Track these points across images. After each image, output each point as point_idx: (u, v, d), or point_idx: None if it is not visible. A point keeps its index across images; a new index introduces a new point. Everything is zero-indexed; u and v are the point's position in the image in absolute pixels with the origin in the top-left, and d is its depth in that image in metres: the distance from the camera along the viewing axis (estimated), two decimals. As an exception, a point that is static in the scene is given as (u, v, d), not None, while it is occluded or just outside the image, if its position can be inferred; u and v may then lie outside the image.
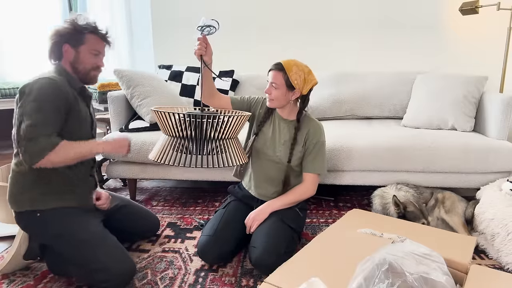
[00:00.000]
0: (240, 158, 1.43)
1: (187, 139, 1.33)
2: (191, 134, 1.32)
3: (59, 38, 1.43)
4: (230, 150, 1.40)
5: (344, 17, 3.06)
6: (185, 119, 1.30)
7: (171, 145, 1.35)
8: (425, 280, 0.99)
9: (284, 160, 1.68)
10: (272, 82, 1.61)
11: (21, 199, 1.41)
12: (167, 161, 1.32)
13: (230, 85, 2.76)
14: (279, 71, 1.60)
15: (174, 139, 1.35)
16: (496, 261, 1.65)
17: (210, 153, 1.35)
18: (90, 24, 1.46)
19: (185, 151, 1.33)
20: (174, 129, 1.33)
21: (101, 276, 1.36)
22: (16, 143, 1.35)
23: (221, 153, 1.37)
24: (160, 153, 1.36)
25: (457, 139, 2.12)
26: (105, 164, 2.53)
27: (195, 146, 1.33)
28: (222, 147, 1.37)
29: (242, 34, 3.20)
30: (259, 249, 1.48)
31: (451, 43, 2.98)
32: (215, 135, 1.35)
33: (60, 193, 1.45)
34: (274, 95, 1.63)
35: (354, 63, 3.11)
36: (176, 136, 1.35)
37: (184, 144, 1.33)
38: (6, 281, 1.52)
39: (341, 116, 2.73)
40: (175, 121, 1.31)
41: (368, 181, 2.17)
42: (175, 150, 1.34)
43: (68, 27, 1.43)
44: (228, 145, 1.40)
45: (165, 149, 1.36)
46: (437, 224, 1.91)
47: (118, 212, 1.70)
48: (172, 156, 1.33)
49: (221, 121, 1.34)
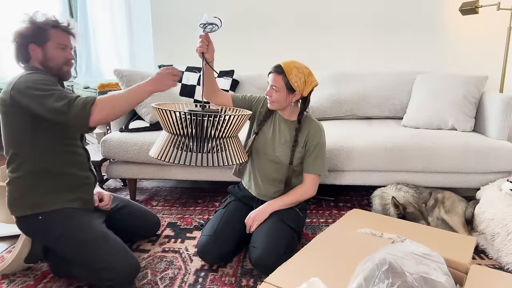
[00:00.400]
0: (240, 157, 1.43)
1: (187, 137, 1.32)
2: (192, 132, 1.31)
3: (22, 39, 1.40)
4: (230, 148, 1.40)
5: (344, 17, 3.06)
6: (186, 117, 1.29)
7: (172, 142, 1.34)
8: (425, 280, 0.99)
9: (285, 161, 1.67)
10: (272, 85, 1.61)
11: (22, 203, 1.41)
12: (167, 158, 1.31)
13: (230, 85, 2.76)
14: (279, 74, 1.59)
15: (175, 137, 1.34)
16: (496, 261, 1.65)
17: (210, 151, 1.34)
18: (50, 19, 1.43)
19: (185, 149, 1.32)
20: (175, 127, 1.32)
21: (106, 275, 1.36)
22: (61, 118, 1.31)
23: (221, 152, 1.36)
24: (161, 150, 1.35)
25: (457, 139, 2.12)
26: (105, 164, 2.53)
27: (195, 144, 1.32)
28: (222, 146, 1.36)
29: (242, 34, 3.20)
30: (259, 249, 1.48)
31: (451, 43, 2.98)
32: (215, 133, 1.34)
33: (61, 193, 1.44)
34: (275, 98, 1.62)
35: (354, 63, 3.11)
36: (177, 133, 1.34)
37: (184, 142, 1.33)
38: (6, 281, 1.52)
39: (341, 116, 2.73)
40: (176, 118, 1.30)
41: (368, 181, 2.17)
42: (176, 148, 1.33)
43: (29, 26, 1.40)
44: (229, 144, 1.39)
45: (166, 147, 1.34)
46: (437, 224, 1.91)
47: (118, 213, 1.70)
48: (172, 154, 1.32)
49: (222, 119, 1.33)
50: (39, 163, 1.40)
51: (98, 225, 1.47)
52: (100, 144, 2.27)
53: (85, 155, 1.58)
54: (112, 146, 2.24)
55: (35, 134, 1.38)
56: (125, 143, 2.23)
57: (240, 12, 3.17)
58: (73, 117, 1.28)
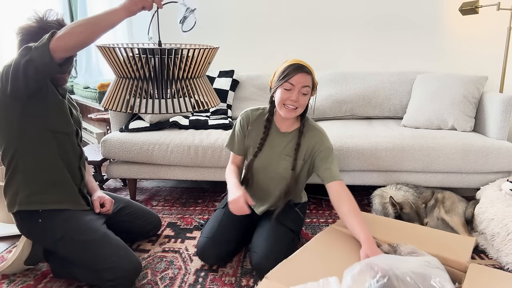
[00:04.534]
0: (211, 100, 1.19)
1: (144, 80, 1.07)
2: (150, 74, 1.06)
3: (24, 35, 1.39)
4: (199, 91, 1.14)
5: (344, 17, 3.06)
6: (140, 56, 1.03)
7: (125, 88, 1.08)
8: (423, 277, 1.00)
9: (289, 169, 1.57)
10: (305, 86, 1.43)
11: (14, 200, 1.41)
12: (119, 107, 1.07)
13: (230, 85, 2.76)
14: (308, 74, 1.43)
15: (128, 81, 1.08)
16: (496, 261, 1.65)
17: (176, 95, 1.09)
18: (59, 21, 1.41)
19: (144, 96, 1.07)
20: (126, 68, 1.05)
21: (108, 276, 1.36)
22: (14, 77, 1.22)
23: (188, 96, 1.11)
24: (114, 99, 1.08)
25: (457, 139, 2.12)
26: (105, 164, 2.53)
27: (155, 89, 1.07)
28: (189, 88, 1.11)
29: (242, 34, 3.20)
30: (259, 254, 1.48)
31: (451, 43, 2.98)
32: (179, 73, 1.08)
33: (49, 192, 1.43)
34: (303, 102, 1.46)
35: (354, 63, 3.11)
36: (130, 77, 1.07)
37: (142, 87, 1.07)
38: (6, 281, 1.52)
39: (341, 116, 2.73)
40: (128, 57, 1.04)
41: (368, 181, 2.18)
42: (129, 94, 1.07)
43: (34, 25, 1.39)
44: (197, 85, 1.14)
45: (117, 94, 1.08)
46: (437, 224, 1.91)
47: (119, 214, 1.70)
48: (125, 101, 1.07)
49: (186, 56, 1.07)
50: (28, 159, 1.39)
51: (99, 226, 1.47)
52: (100, 144, 2.27)
53: (78, 153, 1.55)
54: (112, 146, 2.24)
55: (22, 127, 1.36)
56: (125, 143, 2.23)
57: (240, 13, 3.17)
58: (36, 54, 1.18)
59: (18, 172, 1.40)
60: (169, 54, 1.04)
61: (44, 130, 1.39)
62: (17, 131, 1.36)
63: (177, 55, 1.05)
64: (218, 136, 2.22)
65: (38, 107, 1.36)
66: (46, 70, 1.22)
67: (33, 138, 1.38)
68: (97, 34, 1.17)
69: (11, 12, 3.11)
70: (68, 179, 1.48)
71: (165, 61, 1.04)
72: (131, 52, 1.03)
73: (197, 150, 2.18)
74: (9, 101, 1.31)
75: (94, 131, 3.27)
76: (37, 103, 1.36)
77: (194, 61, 1.08)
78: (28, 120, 1.36)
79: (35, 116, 1.36)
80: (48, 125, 1.40)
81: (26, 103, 1.33)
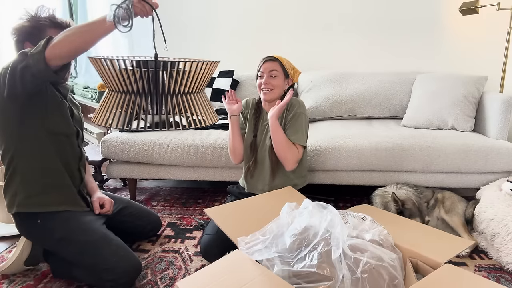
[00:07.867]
0: (210, 118, 1.14)
1: (138, 95, 1.01)
2: (145, 88, 1.00)
3: (19, 36, 1.38)
4: (197, 107, 1.09)
5: (344, 17, 3.06)
6: (134, 69, 0.97)
7: (118, 103, 1.01)
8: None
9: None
10: (272, 70, 1.71)
11: (13, 201, 1.41)
12: (114, 123, 1.01)
13: (230, 85, 2.76)
14: (273, 61, 1.72)
15: (122, 96, 1.01)
16: (496, 261, 1.65)
17: (171, 112, 1.04)
18: (50, 17, 1.40)
19: (137, 111, 1.01)
20: (120, 82, 0.99)
21: (108, 276, 1.37)
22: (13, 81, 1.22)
23: (185, 112, 1.06)
24: (104, 113, 1.03)
25: (457, 139, 2.12)
26: (105, 164, 2.53)
27: (150, 104, 1.02)
28: (186, 104, 1.06)
29: (242, 34, 3.20)
30: None
31: (451, 43, 2.98)
32: (175, 88, 1.02)
33: (48, 193, 1.43)
34: (276, 84, 1.72)
35: (354, 63, 3.11)
36: (123, 91, 1.01)
37: (135, 102, 1.01)
38: (6, 281, 1.52)
39: (341, 116, 2.73)
40: (121, 70, 0.98)
41: (368, 181, 2.17)
42: (123, 109, 1.01)
43: (26, 24, 1.38)
44: (194, 101, 1.08)
45: (110, 109, 1.02)
46: (437, 224, 1.91)
47: (119, 214, 1.70)
48: (120, 117, 1.01)
49: (183, 69, 1.02)
50: (27, 160, 1.39)
51: (98, 227, 1.47)
52: (100, 144, 2.27)
53: (78, 154, 1.55)
54: (112, 146, 2.24)
55: (21, 129, 1.36)
56: (125, 143, 2.23)
57: (240, 13, 3.17)
58: (32, 62, 1.18)
59: (17, 173, 1.40)
60: (164, 68, 0.99)
61: (43, 131, 1.39)
62: (16, 132, 1.36)
63: (173, 68, 1.01)
64: (218, 136, 2.22)
65: (37, 108, 1.36)
66: (42, 77, 1.23)
67: (31, 139, 1.38)
68: (92, 41, 1.17)
69: (11, 12, 3.11)
70: (67, 180, 1.48)
71: (159, 74, 0.99)
72: (123, 64, 0.98)
73: (197, 150, 2.18)
74: (7, 103, 1.32)
75: (94, 131, 3.27)
76: (36, 105, 1.36)
77: (191, 75, 1.04)
78: (27, 122, 1.36)
79: (33, 117, 1.36)
80: (47, 127, 1.39)
81: (25, 105, 1.33)
